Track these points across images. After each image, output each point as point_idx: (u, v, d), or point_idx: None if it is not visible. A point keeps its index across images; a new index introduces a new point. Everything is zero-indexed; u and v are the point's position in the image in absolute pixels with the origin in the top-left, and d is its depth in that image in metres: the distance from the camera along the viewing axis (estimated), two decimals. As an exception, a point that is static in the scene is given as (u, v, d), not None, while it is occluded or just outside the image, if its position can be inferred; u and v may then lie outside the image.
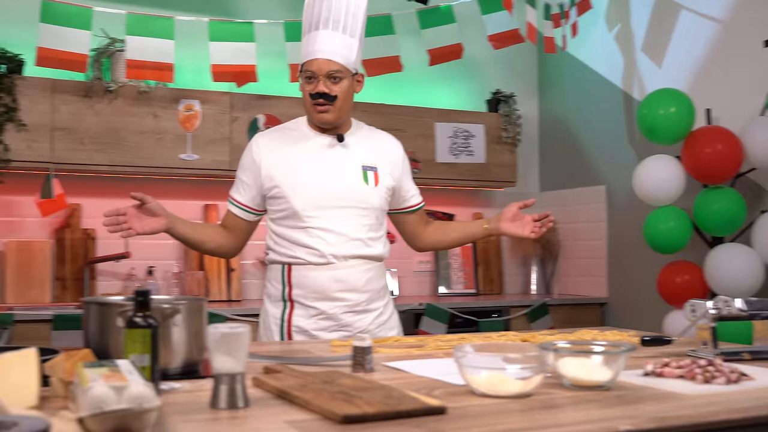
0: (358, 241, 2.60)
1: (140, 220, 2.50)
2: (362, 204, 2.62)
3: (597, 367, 1.62)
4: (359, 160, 2.65)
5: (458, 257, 5.33)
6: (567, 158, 5.45)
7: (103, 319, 1.74)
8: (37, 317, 3.78)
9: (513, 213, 2.75)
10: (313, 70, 2.54)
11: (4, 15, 3.73)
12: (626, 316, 4.88)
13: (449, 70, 5.01)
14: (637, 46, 4.80)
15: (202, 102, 4.45)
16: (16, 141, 4.05)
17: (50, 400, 1.50)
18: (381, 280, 2.71)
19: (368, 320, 2.64)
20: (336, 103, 2.56)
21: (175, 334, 1.73)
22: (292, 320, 2.60)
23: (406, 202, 2.83)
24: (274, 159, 2.61)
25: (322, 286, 2.56)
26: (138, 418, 1.22)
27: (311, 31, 2.57)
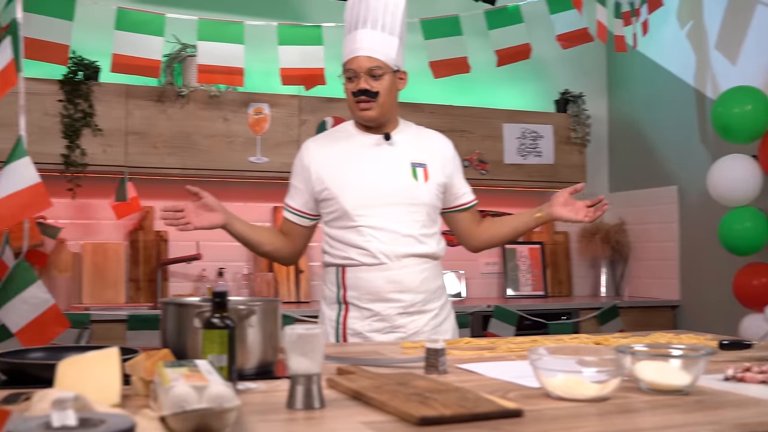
0: (410, 237, 2.59)
1: (198, 215, 2.56)
2: (412, 200, 2.61)
3: (676, 371, 1.59)
4: (407, 157, 2.65)
5: (526, 259, 5.29)
6: (637, 158, 5.37)
7: (181, 319, 1.77)
8: (112, 317, 3.87)
9: (564, 198, 2.72)
10: (354, 68, 2.57)
11: (81, 24, 3.82)
12: (699, 320, 4.78)
13: (517, 71, 4.97)
14: (710, 44, 4.70)
15: (271, 105, 4.50)
16: (92, 146, 4.15)
17: (131, 399, 1.53)
18: (437, 280, 2.69)
19: (422, 322, 2.62)
20: (378, 99, 2.57)
21: (251, 335, 1.76)
22: (347, 323, 2.60)
23: (458, 199, 2.81)
24: (322, 162, 2.63)
25: (376, 287, 2.56)
26: (218, 418, 1.24)
27: (351, 32, 2.61)
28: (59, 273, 4.28)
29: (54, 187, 4.20)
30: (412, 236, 2.60)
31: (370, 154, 2.64)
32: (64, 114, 4.11)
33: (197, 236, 4.59)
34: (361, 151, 2.64)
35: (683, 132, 4.92)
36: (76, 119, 4.11)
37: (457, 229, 2.89)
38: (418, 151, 2.68)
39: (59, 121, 4.11)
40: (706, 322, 4.66)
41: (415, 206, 2.62)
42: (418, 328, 2.62)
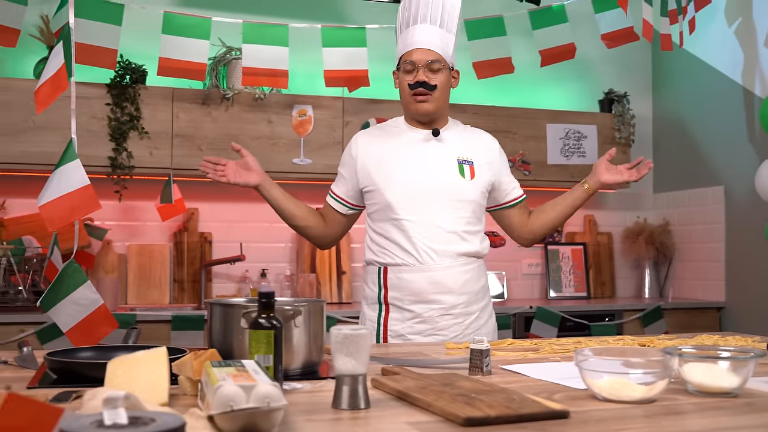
0: (453, 234, 2.59)
1: (236, 172, 2.60)
2: (458, 197, 2.61)
3: (724, 373, 1.58)
4: (455, 154, 2.66)
5: (569, 260, 5.25)
6: (683, 158, 5.30)
7: (227, 320, 1.79)
8: (157, 318, 3.93)
9: (605, 165, 2.78)
10: (413, 60, 2.58)
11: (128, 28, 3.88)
12: (745, 322, 4.70)
13: (560, 71, 4.95)
14: (759, 41, 4.63)
15: (314, 107, 4.53)
16: (138, 148, 4.21)
17: (179, 398, 1.56)
18: (480, 280, 2.68)
19: (465, 324, 2.62)
20: (435, 92, 2.59)
21: (296, 335, 1.77)
22: (389, 324, 2.61)
23: (507, 195, 2.81)
24: (370, 154, 2.65)
25: (418, 288, 2.56)
26: (266, 417, 1.25)
27: (410, 26, 2.63)
28: (105, 274, 4.35)
29: (101, 189, 4.26)
30: (455, 233, 2.60)
31: (418, 149, 2.65)
32: (112, 117, 4.17)
33: (240, 237, 4.64)
34: (409, 145, 2.65)
35: (730, 131, 4.85)
36: (123, 122, 4.18)
37: (510, 224, 2.87)
38: (465, 149, 2.69)
39: (107, 124, 4.17)
40: (751, 324, 4.59)
41: (461, 203, 2.62)
42: (461, 331, 2.61)
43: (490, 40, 4.26)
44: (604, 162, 2.79)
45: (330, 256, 4.74)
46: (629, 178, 2.75)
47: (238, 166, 2.63)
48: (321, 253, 4.72)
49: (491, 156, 2.75)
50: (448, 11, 2.63)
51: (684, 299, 5.11)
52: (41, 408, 1.07)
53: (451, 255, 2.59)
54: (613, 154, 2.80)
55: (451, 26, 2.63)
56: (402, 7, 2.67)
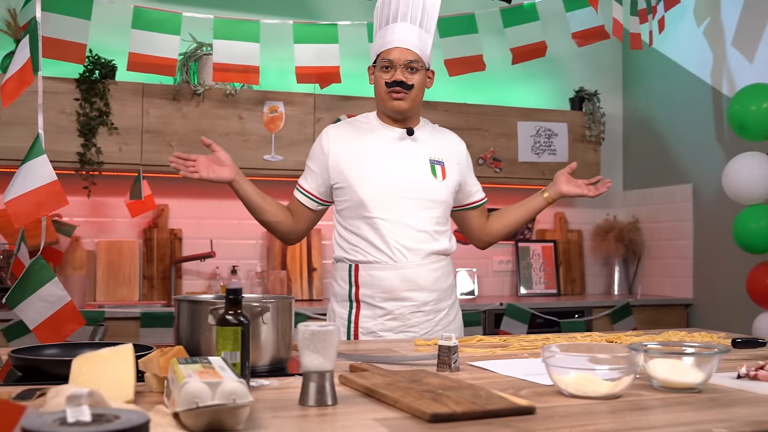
0: (424, 233, 2.60)
1: (208, 167, 2.56)
2: (429, 196, 2.63)
3: (689, 369, 1.59)
4: (427, 154, 2.67)
5: (539, 257, 5.28)
6: (652, 156, 5.35)
7: (194, 316, 1.78)
8: (126, 315, 3.90)
9: (566, 176, 2.84)
10: (392, 58, 2.58)
11: (97, 23, 3.84)
12: (712, 318, 4.76)
13: (532, 69, 4.97)
14: (727, 40, 4.68)
15: (286, 103, 4.51)
16: (107, 144, 4.18)
17: (145, 395, 1.55)
18: (449, 278, 2.70)
19: (434, 321, 2.63)
20: (411, 92, 2.59)
21: (264, 332, 1.77)
22: (359, 321, 2.61)
23: (471, 197, 2.85)
24: (342, 150, 2.63)
25: (391, 286, 2.57)
26: (232, 414, 1.25)
27: (389, 24, 2.62)
28: (74, 271, 4.31)
29: (69, 185, 4.23)
30: (426, 232, 2.61)
31: (392, 147, 2.65)
32: (80, 113, 4.13)
33: (211, 234, 4.62)
34: (383, 143, 2.65)
35: (698, 130, 4.90)
36: (92, 118, 4.14)
37: (469, 226, 2.91)
38: (436, 149, 2.70)
39: (75, 119, 4.13)
40: (719, 321, 4.64)
41: (432, 203, 2.63)
42: (431, 328, 2.63)
43: (461, 38, 4.27)
44: (565, 174, 2.85)
45: (301, 253, 4.73)
46: (587, 192, 2.82)
47: (210, 161, 2.58)
48: (292, 250, 4.70)
49: (459, 157, 2.77)
50: (428, 11, 2.63)
51: (652, 296, 5.16)
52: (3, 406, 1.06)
53: (421, 253, 2.60)
54: (574, 167, 2.86)
55: (430, 26, 2.64)
56: (381, 3, 2.66)
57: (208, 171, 2.56)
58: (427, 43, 2.63)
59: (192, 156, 2.56)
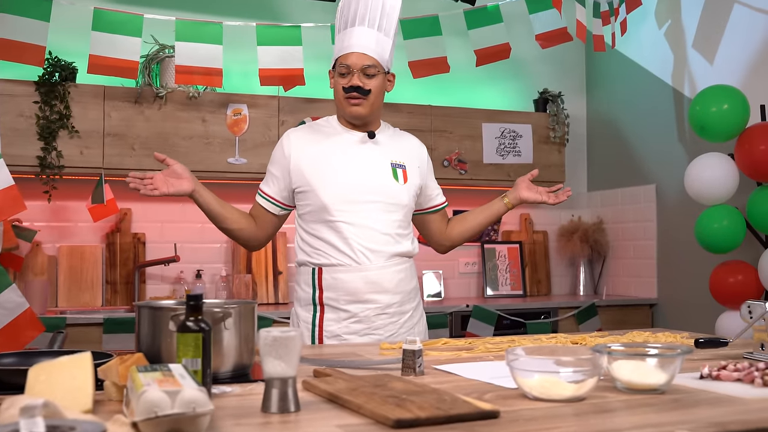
0: (387, 236, 2.59)
1: (166, 182, 2.53)
2: (392, 200, 2.62)
3: (652, 370, 1.60)
4: (389, 157, 2.66)
5: (505, 258, 5.29)
6: (616, 157, 5.39)
7: (155, 323, 1.75)
8: (89, 321, 3.85)
9: (527, 183, 2.85)
10: (349, 63, 2.56)
11: (57, 24, 3.79)
12: (677, 318, 4.80)
13: (496, 70, 4.98)
14: (688, 43, 4.73)
15: (250, 106, 4.48)
16: (68, 147, 4.11)
17: (104, 404, 1.52)
18: (412, 281, 2.70)
19: (399, 324, 2.63)
20: (369, 97, 2.58)
21: (226, 337, 1.74)
22: (324, 325, 2.59)
23: (431, 201, 2.85)
24: (303, 154, 2.62)
25: (354, 288, 2.56)
26: (191, 422, 1.23)
27: (347, 28, 2.61)
28: (35, 276, 4.24)
29: (29, 189, 4.17)
30: (389, 235, 2.60)
31: (353, 151, 2.64)
32: (40, 116, 4.07)
33: (175, 238, 4.57)
34: (345, 147, 2.64)
35: (661, 131, 4.94)
36: (52, 121, 4.08)
37: (429, 230, 2.91)
38: (398, 153, 2.70)
39: (35, 123, 4.06)
40: (683, 320, 4.69)
41: (394, 206, 2.63)
42: (395, 330, 2.62)
43: (425, 40, 4.28)
44: (526, 180, 2.86)
45: (266, 256, 4.70)
46: (547, 200, 2.83)
47: (167, 175, 2.55)
48: (257, 254, 4.67)
49: (421, 161, 2.77)
50: (387, 14, 2.62)
51: (617, 296, 5.20)
52: (-47, 418, 1.03)
53: (385, 255, 2.59)
54: (535, 174, 2.88)
55: (389, 29, 2.62)
56: (341, 6, 2.65)
57: (167, 186, 2.53)
58: (385, 46, 2.62)
59: (148, 174, 2.53)
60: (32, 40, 3.66)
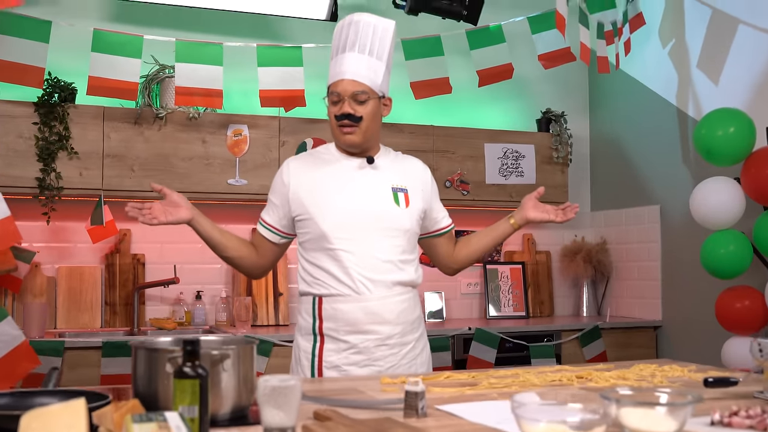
0: (389, 263, 2.56)
1: (164, 212, 2.54)
2: (393, 225, 2.59)
3: (662, 418, 1.55)
4: (389, 182, 2.63)
5: (508, 279, 5.25)
6: (619, 177, 5.35)
7: (151, 363, 1.71)
8: (87, 344, 3.80)
9: (533, 202, 2.80)
10: (339, 91, 2.55)
11: (57, 45, 3.77)
12: (682, 341, 4.75)
13: (498, 90, 4.95)
14: (692, 63, 4.69)
15: (250, 126, 4.44)
16: (67, 169, 4.08)
17: (98, 452, 1.47)
18: (415, 310, 2.66)
19: (400, 355, 2.59)
20: (361, 124, 2.55)
21: (225, 379, 1.70)
22: (323, 355, 2.56)
23: (437, 224, 2.81)
24: (302, 182, 2.60)
25: (354, 319, 2.52)
26: (186, 482, 1.18)
27: (338, 54, 2.59)
28: (33, 298, 4.20)
29: (28, 210, 4.15)
30: (391, 262, 2.57)
31: (352, 177, 2.61)
32: (39, 137, 4.03)
33: (174, 259, 4.53)
34: (343, 173, 2.61)
35: (665, 151, 4.90)
36: (52, 142, 4.04)
37: (436, 253, 2.88)
38: (399, 177, 2.66)
39: (34, 144, 4.02)
40: (688, 344, 4.64)
41: (396, 231, 2.59)
42: (396, 362, 2.58)
43: (427, 60, 4.25)
44: (532, 199, 2.82)
45: (266, 277, 4.66)
46: (555, 218, 2.79)
47: (165, 205, 2.56)
48: (257, 275, 4.62)
49: (424, 184, 2.73)
50: (379, 37, 2.59)
51: (621, 317, 5.15)
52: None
53: (386, 285, 2.55)
54: (542, 192, 2.82)
55: (381, 53, 2.59)
56: (335, 33, 2.63)
57: (166, 215, 2.54)
58: (377, 70, 2.58)
59: (146, 204, 2.54)
60: (32, 61, 3.64)
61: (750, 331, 3.95)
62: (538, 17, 4.36)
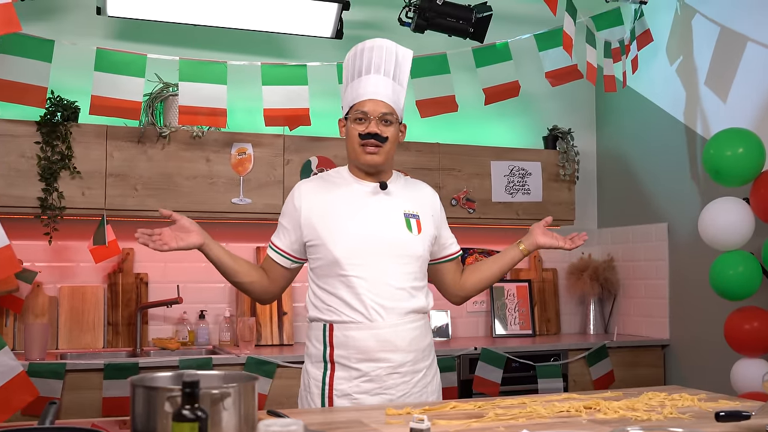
0: (401, 291, 2.54)
1: (175, 237, 2.50)
2: (406, 252, 2.56)
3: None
4: (401, 208, 2.61)
5: (514, 297, 5.20)
6: (626, 195, 5.30)
7: (151, 402, 1.67)
8: (89, 366, 3.75)
9: (542, 229, 2.81)
10: (366, 110, 2.53)
11: (60, 63, 3.75)
12: (690, 361, 4.70)
13: (505, 107, 4.90)
14: (700, 80, 4.65)
15: (254, 145, 4.40)
16: (70, 188, 4.04)
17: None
18: (426, 338, 2.63)
19: (412, 383, 2.56)
20: (386, 145, 2.55)
21: (225, 419, 1.66)
22: (334, 383, 2.52)
23: (445, 250, 2.78)
24: (314, 206, 2.57)
25: (365, 347, 2.49)
26: None
27: (362, 75, 2.57)
28: (35, 318, 4.16)
29: (30, 230, 4.12)
30: (404, 289, 2.55)
31: (365, 202, 2.58)
32: (41, 156, 3.99)
33: (177, 278, 4.50)
34: (356, 198, 2.59)
35: (673, 168, 4.86)
36: (54, 161, 4.01)
37: (443, 281, 2.85)
38: (411, 202, 2.64)
39: (36, 163, 3.98)
40: (696, 364, 4.58)
41: (409, 258, 2.57)
42: (407, 390, 2.55)
43: (433, 78, 4.23)
44: (541, 226, 2.81)
45: (271, 296, 4.62)
46: (563, 245, 2.79)
47: (174, 230, 2.52)
48: (261, 294, 4.59)
49: (434, 210, 2.71)
50: (400, 63, 2.60)
51: (628, 335, 5.10)
52: None
53: (399, 312, 2.53)
54: (549, 221, 2.83)
55: (402, 80, 2.61)
56: (353, 55, 2.61)
57: (177, 241, 2.50)
58: (400, 96, 2.60)
59: (156, 230, 2.49)
60: (34, 81, 3.62)
61: (759, 352, 3.90)
62: (545, 34, 4.33)
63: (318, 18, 4.45)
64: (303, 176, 4.42)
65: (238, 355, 4.04)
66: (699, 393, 2.55)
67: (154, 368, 3.79)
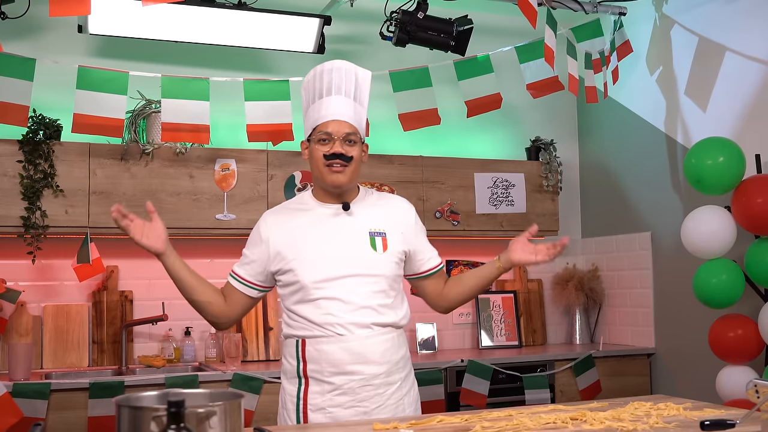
0: (367, 309, 2.55)
1: (143, 231, 2.51)
2: (370, 271, 2.57)
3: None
4: (366, 227, 2.62)
5: (500, 308, 5.21)
6: (610, 204, 5.33)
7: (136, 423, 1.66)
8: (74, 386, 3.73)
9: (521, 244, 2.70)
10: (330, 131, 2.54)
11: (41, 81, 3.74)
12: (675, 369, 4.71)
13: (487, 119, 4.92)
14: (680, 90, 4.69)
15: (238, 161, 4.40)
16: (53, 207, 4.03)
17: None
18: (399, 350, 2.63)
19: (386, 395, 2.56)
20: (351, 165, 2.56)
21: (211, 437, 1.66)
22: (308, 398, 2.53)
23: (424, 265, 2.76)
24: (281, 236, 2.59)
25: (337, 360, 2.50)
26: None
27: (323, 97, 2.59)
28: (19, 338, 4.14)
29: (13, 249, 4.11)
30: (369, 307, 2.55)
31: (329, 225, 2.60)
32: (24, 175, 3.98)
33: (163, 295, 4.47)
34: (320, 223, 2.60)
35: (655, 177, 4.89)
36: (36, 180, 3.99)
37: (426, 293, 2.85)
38: (377, 220, 2.64)
39: (18, 182, 3.97)
40: (682, 373, 4.60)
41: (374, 277, 2.58)
42: (382, 402, 2.55)
43: (415, 92, 4.24)
44: (521, 241, 2.72)
45: (256, 311, 4.61)
46: (542, 259, 2.67)
47: (146, 226, 2.53)
48: (247, 309, 4.57)
49: (406, 225, 2.69)
50: (360, 85, 2.63)
51: (614, 345, 5.11)
52: None
53: (367, 326, 2.54)
54: (533, 231, 2.74)
55: (363, 100, 2.64)
56: (312, 77, 2.63)
57: (141, 235, 2.51)
58: (361, 116, 2.63)
59: (131, 215, 2.52)
60: (16, 100, 3.62)
61: (744, 360, 3.92)
62: (526, 47, 4.36)
63: (300, 33, 4.46)
64: (287, 191, 4.42)
65: (224, 371, 4.03)
66: (684, 402, 2.57)
67: (140, 386, 3.78)
